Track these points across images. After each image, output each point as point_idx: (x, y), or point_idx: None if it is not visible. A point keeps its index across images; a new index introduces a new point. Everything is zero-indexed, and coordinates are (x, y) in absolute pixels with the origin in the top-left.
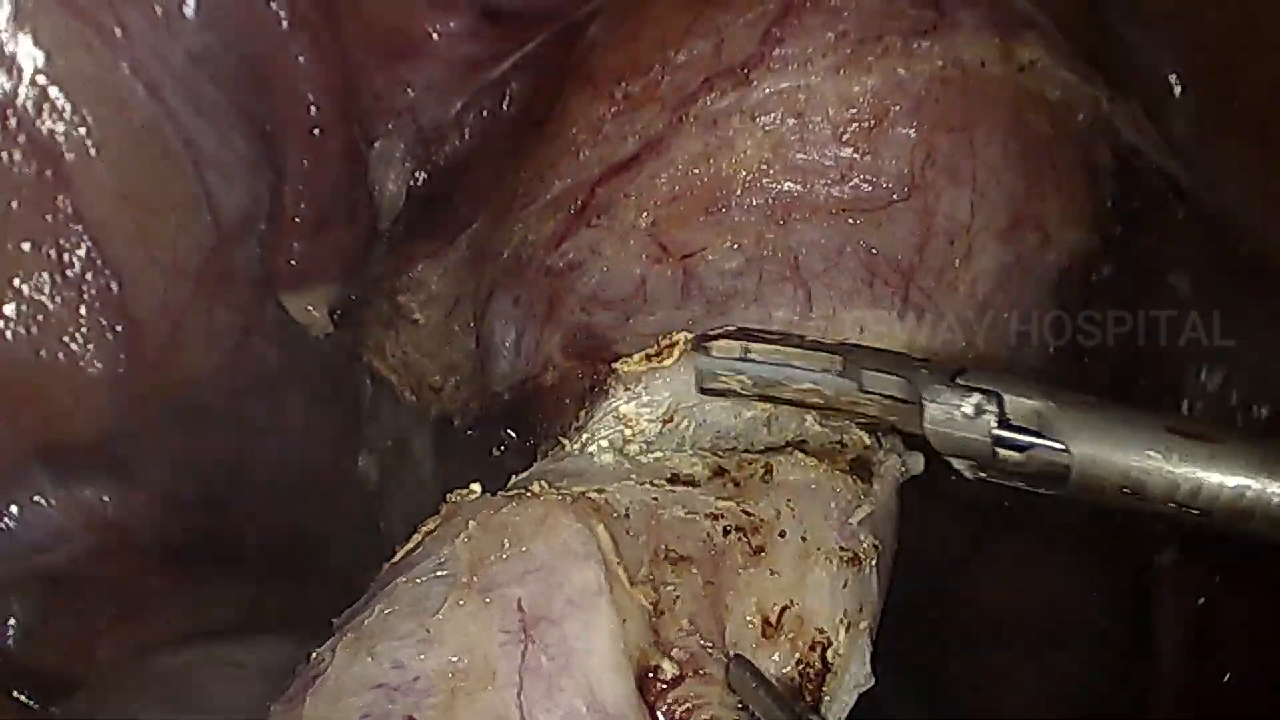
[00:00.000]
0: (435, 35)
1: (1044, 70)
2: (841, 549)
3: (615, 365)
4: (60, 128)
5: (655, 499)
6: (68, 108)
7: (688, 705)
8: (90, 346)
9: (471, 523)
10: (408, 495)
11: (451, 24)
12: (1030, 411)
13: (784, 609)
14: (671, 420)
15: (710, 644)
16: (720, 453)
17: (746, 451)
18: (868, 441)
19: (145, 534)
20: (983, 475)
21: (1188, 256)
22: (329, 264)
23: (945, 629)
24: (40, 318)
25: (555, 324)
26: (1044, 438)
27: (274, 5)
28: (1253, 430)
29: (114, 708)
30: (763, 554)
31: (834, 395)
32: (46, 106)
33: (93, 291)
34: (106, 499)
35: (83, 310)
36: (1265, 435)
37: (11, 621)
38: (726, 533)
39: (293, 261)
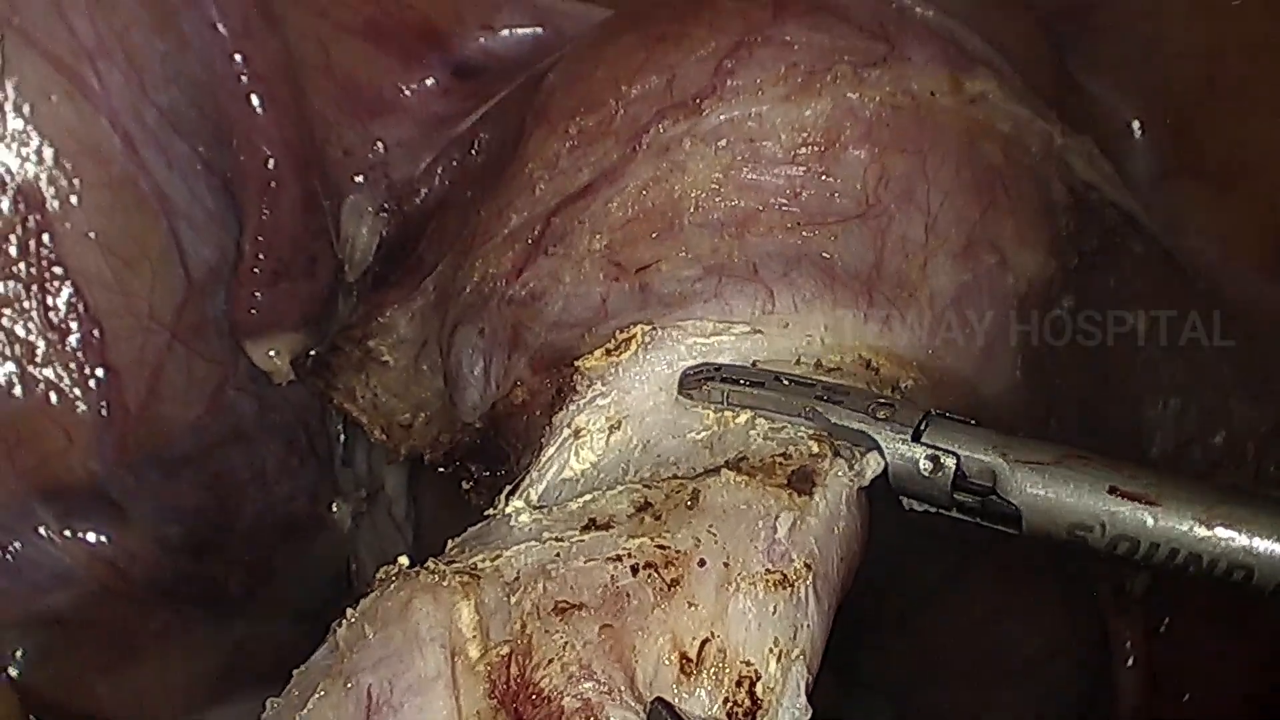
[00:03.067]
0: (407, 93)
1: (995, 104)
2: (768, 571)
3: (577, 363)
4: (44, 175)
5: (557, 554)
6: (50, 158)
7: None
8: (76, 391)
9: (351, 609)
10: (381, 539)
11: (424, 82)
12: (984, 469)
13: (704, 642)
14: (619, 428)
15: (609, 690)
16: (653, 484)
17: (678, 478)
18: (816, 450)
19: (142, 576)
20: (942, 513)
21: (1145, 293)
22: (289, 313)
23: (915, 662)
24: (33, 359)
25: (522, 349)
26: (996, 495)
27: (234, 61)
28: (1193, 484)
29: None
30: (678, 587)
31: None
32: (30, 156)
33: (77, 338)
34: (105, 540)
35: (68, 356)
36: (1204, 487)
37: (19, 654)
38: (635, 571)
39: (253, 310)
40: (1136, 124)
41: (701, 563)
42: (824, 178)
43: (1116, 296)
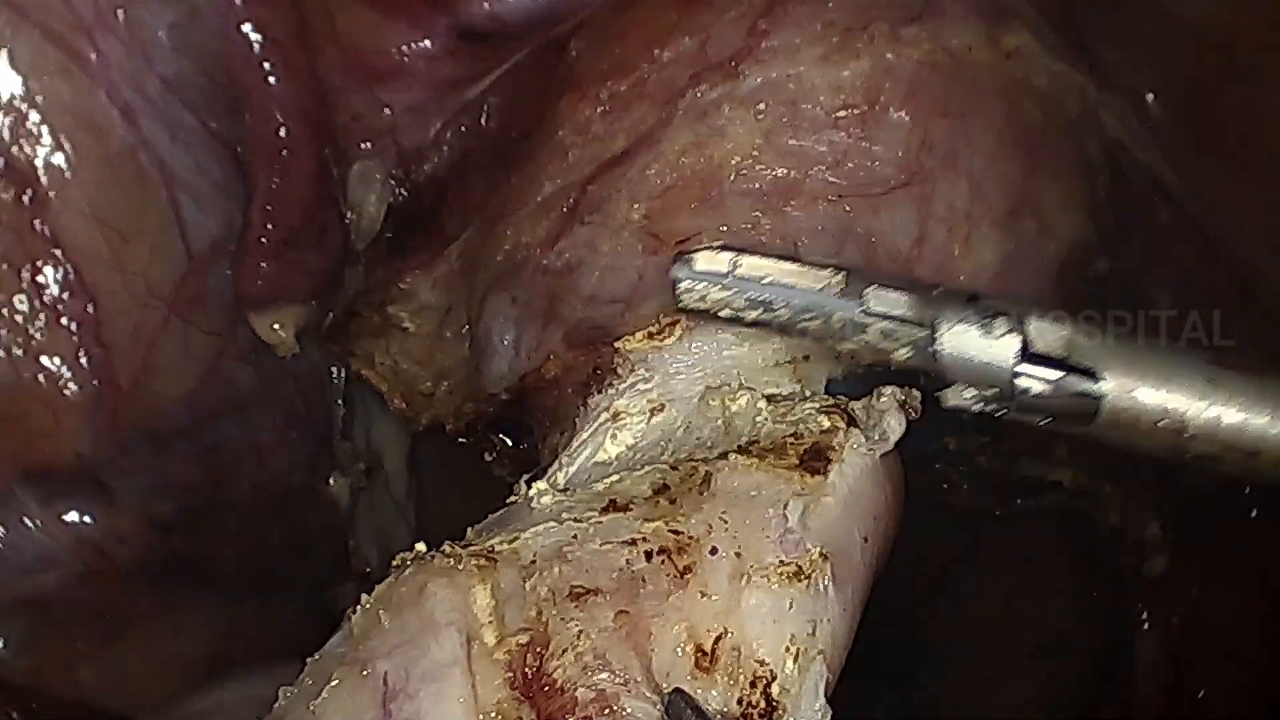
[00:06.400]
0: (413, 57)
1: (1030, 57)
2: (781, 564)
3: (618, 344)
4: (38, 152)
5: (574, 536)
6: (45, 133)
7: None
8: (67, 370)
9: (365, 595)
10: (380, 518)
11: (429, 45)
12: (1059, 339)
13: (718, 638)
14: (663, 410)
15: (624, 681)
16: (676, 465)
17: (694, 460)
18: (827, 425)
19: (128, 556)
20: (995, 409)
21: (1173, 265)
22: (296, 285)
23: (928, 643)
24: (21, 340)
25: (557, 321)
26: (1074, 367)
27: (246, 28)
28: None
29: None
30: (691, 575)
31: (833, 318)
32: (24, 131)
33: (70, 315)
34: (90, 521)
35: (62, 335)
36: None
37: (1, 641)
38: (649, 557)
39: (260, 282)
40: (1151, 96)
41: (714, 550)
42: (865, 143)
43: (1145, 265)
